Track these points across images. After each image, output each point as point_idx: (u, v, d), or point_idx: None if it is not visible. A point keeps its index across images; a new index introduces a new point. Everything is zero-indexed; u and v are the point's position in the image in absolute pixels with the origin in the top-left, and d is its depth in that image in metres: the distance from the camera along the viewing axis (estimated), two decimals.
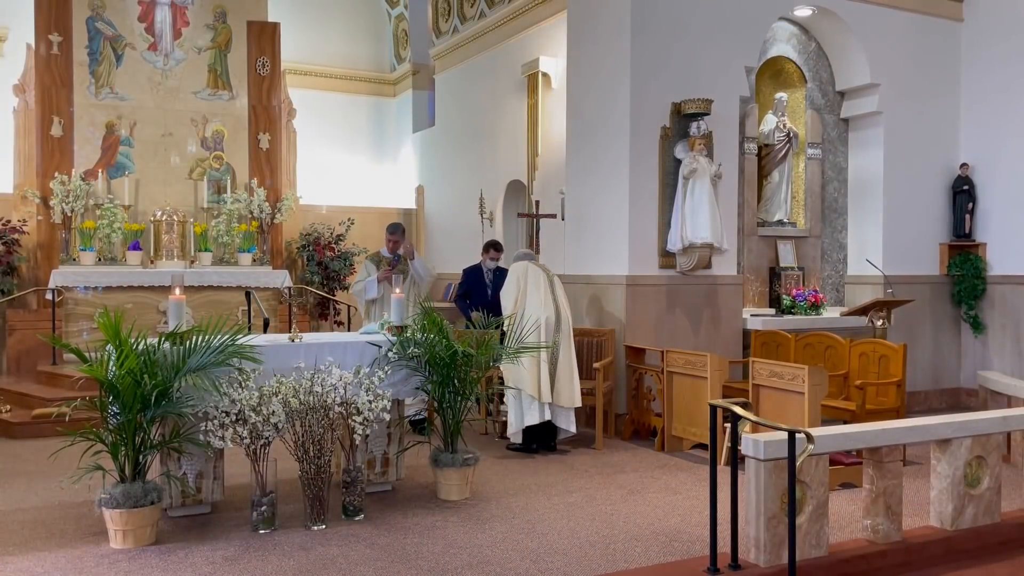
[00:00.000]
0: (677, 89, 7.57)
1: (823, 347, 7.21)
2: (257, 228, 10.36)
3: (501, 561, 4.25)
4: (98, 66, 9.85)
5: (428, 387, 5.41)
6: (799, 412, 5.59)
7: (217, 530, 4.75)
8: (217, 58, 10.46)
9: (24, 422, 7.48)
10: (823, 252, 9.07)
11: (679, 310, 7.66)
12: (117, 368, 4.43)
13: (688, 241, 7.35)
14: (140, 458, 4.55)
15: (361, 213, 12.36)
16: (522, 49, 10.11)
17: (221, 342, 4.69)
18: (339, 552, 4.38)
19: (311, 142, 12.21)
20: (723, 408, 4.04)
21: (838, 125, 9.14)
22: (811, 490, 4.10)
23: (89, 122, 9.79)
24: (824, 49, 9.00)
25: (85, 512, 5.01)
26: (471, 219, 10.95)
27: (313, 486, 4.81)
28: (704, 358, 6.46)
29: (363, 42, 13.67)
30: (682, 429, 6.73)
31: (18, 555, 4.33)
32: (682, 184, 7.42)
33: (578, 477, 5.98)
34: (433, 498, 5.41)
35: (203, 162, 10.36)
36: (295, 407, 4.72)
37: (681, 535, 4.68)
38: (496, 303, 7.83)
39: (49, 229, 9.56)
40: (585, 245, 8.05)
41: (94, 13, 9.83)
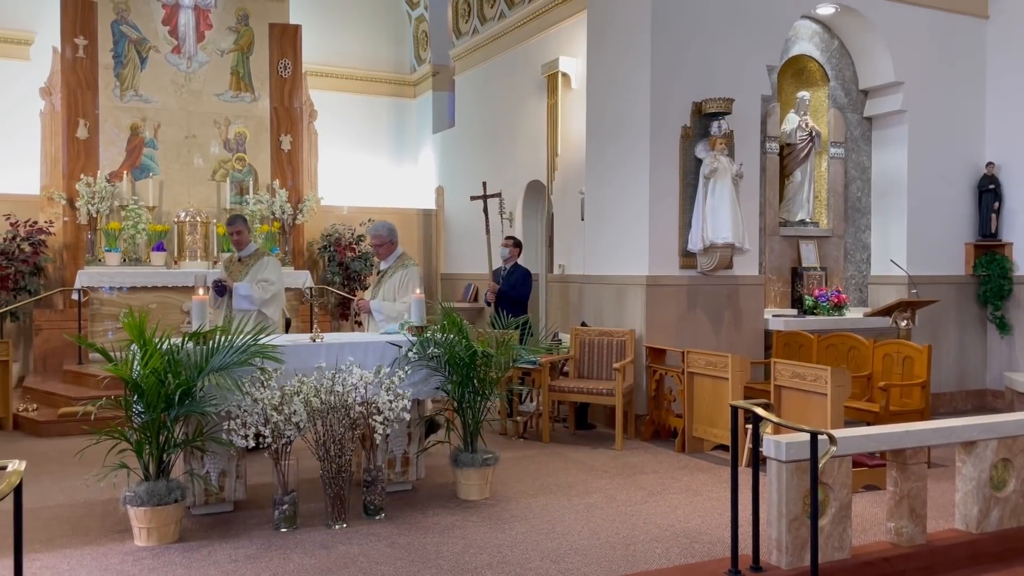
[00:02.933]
0: (698, 88, 7.54)
1: (846, 348, 7.15)
2: (279, 229, 10.44)
3: (521, 561, 4.26)
4: (123, 69, 9.97)
5: (448, 387, 5.43)
6: (822, 413, 5.55)
7: (239, 528, 4.79)
8: (239, 60, 10.55)
9: (50, 421, 7.58)
10: (846, 252, 8.99)
11: (700, 311, 7.63)
12: (141, 367, 4.49)
13: (709, 241, 7.32)
14: (164, 456, 4.60)
15: (381, 214, 12.39)
16: (542, 49, 10.11)
17: (243, 342, 4.73)
18: (360, 551, 4.41)
19: (332, 143, 12.28)
20: (744, 409, 4.02)
21: (861, 124, 9.06)
22: (834, 492, 4.07)
23: (114, 124, 9.91)
24: (847, 47, 8.92)
25: (110, 509, 5.07)
26: (491, 219, 10.95)
27: (334, 485, 4.84)
28: (725, 359, 6.43)
29: (383, 44, 13.73)
30: (703, 430, 6.70)
31: (45, 552, 4.39)
32: (703, 184, 7.39)
33: (598, 478, 5.98)
34: (453, 498, 5.42)
35: (226, 163, 10.46)
36: (316, 406, 4.75)
37: (702, 536, 4.66)
38: (508, 296, 7.88)
39: (75, 230, 9.69)
40: (605, 245, 8.03)
41: (119, 17, 9.95)
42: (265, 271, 6.81)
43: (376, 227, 6.43)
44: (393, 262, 6.33)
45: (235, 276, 6.79)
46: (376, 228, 6.42)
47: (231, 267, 6.92)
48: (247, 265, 6.84)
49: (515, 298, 7.92)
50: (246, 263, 6.86)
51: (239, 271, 6.83)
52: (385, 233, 6.35)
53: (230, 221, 7.05)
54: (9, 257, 9.22)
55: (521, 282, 8.13)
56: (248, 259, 6.90)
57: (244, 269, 6.82)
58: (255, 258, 6.93)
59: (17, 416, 7.87)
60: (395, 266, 6.33)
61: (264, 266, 6.85)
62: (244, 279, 6.71)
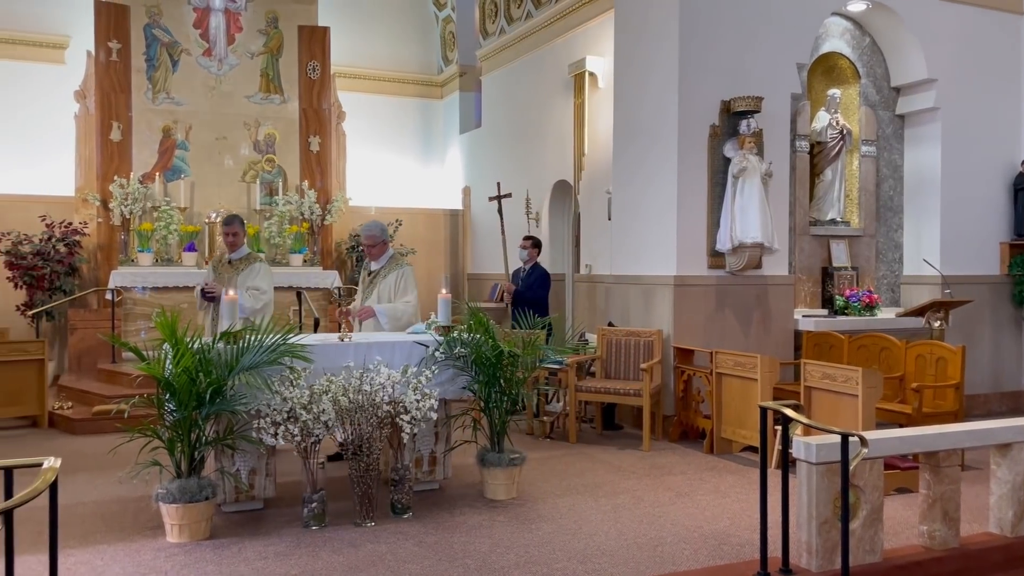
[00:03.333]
0: (726, 87, 7.49)
1: (878, 349, 7.05)
2: (308, 229, 10.53)
3: (548, 561, 4.25)
4: (155, 72, 10.11)
5: (474, 387, 5.44)
6: (853, 415, 5.49)
7: (269, 526, 4.84)
8: (269, 63, 10.66)
9: (85, 418, 7.71)
10: (878, 252, 8.88)
11: (728, 311, 7.57)
12: (173, 366, 4.55)
13: (738, 241, 7.26)
14: (195, 454, 4.66)
15: (409, 214, 12.48)
16: (569, 49, 10.10)
17: (273, 341, 4.78)
18: (387, 549, 4.43)
19: (360, 144, 12.36)
20: (774, 410, 3.98)
21: (893, 122, 8.94)
22: (865, 495, 4.02)
23: (146, 126, 10.05)
24: (879, 44, 8.81)
25: (143, 506, 5.14)
26: (517, 220, 10.96)
27: (362, 484, 4.87)
28: (754, 359, 6.38)
29: (411, 45, 13.79)
30: (731, 431, 6.65)
31: (79, 547, 4.46)
32: (731, 183, 7.33)
33: (625, 478, 5.95)
34: (480, 497, 5.43)
35: (256, 165, 10.56)
36: (344, 405, 4.78)
37: (731, 538, 4.63)
38: (525, 297, 7.86)
39: (109, 231, 9.84)
40: (632, 245, 8.00)
41: (151, 20, 10.09)
42: (256, 278, 6.48)
43: (370, 227, 6.31)
44: (385, 263, 6.28)
45: (224, 279, 6.46)
46: (370, 228, 6.29)
47: (220, 269, 6.59)
48: (237, 269, 6.53)
49: (532, 299, 7.87)
50: (236, 267, 6.55)
51: (228, 274, 6.51)
52: (379, 233, 6.26)
53: (228, 221, 6.66)
54: (45, 258, 9.39)
55: (539, 283, 8.11)
56: (239, 263, 6.58)
57: (234, 273, 6.50)
58: (247, 262, 6.60)
59: (53, 414, 8.01)
60: (388, 267, 6.26)
61: (255, 273, 6.51)
62: (234, 283, 6.37)
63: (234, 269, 6.53)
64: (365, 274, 6.39)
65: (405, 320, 6.07)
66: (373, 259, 6.30)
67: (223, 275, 6.52)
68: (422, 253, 12.50)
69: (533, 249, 8.29)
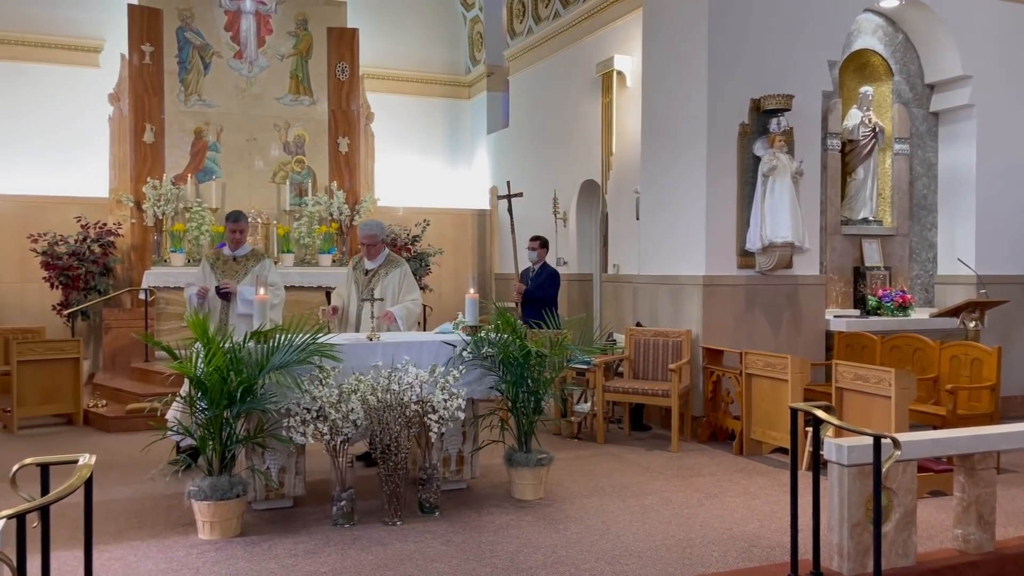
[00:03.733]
0: (756, 85, 7.42)
1: (911, 350, 6.95)
2: (337, 230, 10.60)
3: (576, 562, 4.25)
4: (187, 74, 10.24)
5: (502, 387, 5.44)
6: (885, 417, 5.42)
7: (298, 524, 4.88)
8: (298, 64, 10.75)
9: (118, 416, 7.83)
10: (911, 251, 8.75)
11: (758, 311, 7.51)
12: (205, 365, 4.60)
13: (768, 240, 7.20)
14: (226, 452, 4.71)
15: (436, 214, 12.52)
16: (596, 48, 10.07)
17: (303, 341, 4.82)
18: (416, 548, 4.45)
19: (388, 145, 12.43)
20: (805, 411, 3.94)
21: (927, 119, 8.80)
22: (898, 497, 3.96)
23: (179, 128, 10.18)
24: (912, 41, 8.68)
25: (175, 503, 5.20)
26: (545, 220, 10.96)
27: (390, 483, 4.90)
28: (785, 360, 6.32)
29: (439, 45, 13.84)
30: (761, 433, 6.59)
31: (113, 544, 4.53)
32: (761, 182, 7.27)
33: (653, 479, 5.92)
34: (507, 497, 5.43)
35: (285, 166, 10.66)
36: (373, 405, 4.81)
37: (760, 540, 4.59)
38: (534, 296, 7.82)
39: (142, 232, 9.98)
40: (660, 245, 7.96)
41: (183, 24, 10.22)
42: (271, 274, 6.38)
43: (372, 226, 6.22)
44: (383, 261, 6.24)
45: (230, 276, 6.32)
46: (372, 227, 6.21)
47: (223, 267, 6.36)
48: (243, 265, 6.37)
49: (541, 299, 7.76)
50: (242, 263, 6.39)
51: (235, 271, 6.34)
52: (379, 232, 6.24)
53: (236, 217, 6.41)
54: (80, 258, 9.54)
55: (549, 283, 8.05)
56: (244, 259, 6.42)
57: (241, 269, 6.34)
58: (254, 259, 6.46)
59: (87, 412, 8.15)
60: (385, 266, 6.23)
61: (267, 268, 6.41)
62: (243, 281, 6.28)
63: (240, 266, 6.38)
64: (360, 273, 6.26)
65: (414, 319, 6.12)
66: (371, 258, 6.22)
67: (227, 271, 6.33)
68: (449, 253, 12.53)
69: (542, 249, 8.24)
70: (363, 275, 6.24)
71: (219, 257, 6.43)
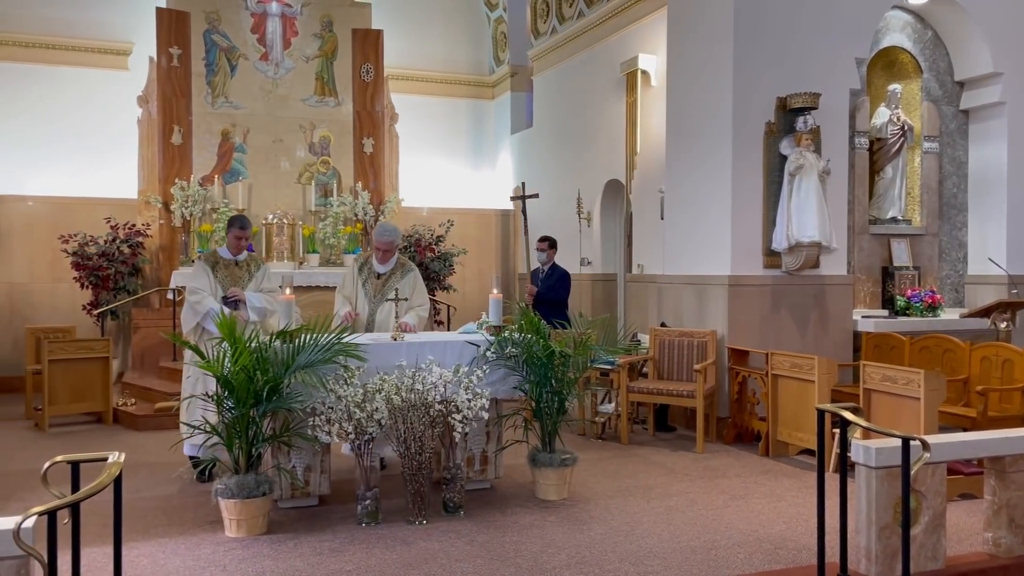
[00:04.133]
0: (782, 83, 7.36)
1: (941, 350, 6.86)
2: (361, 230, 10.65)
3: (600, 563, 4.23)
4: (214, 76, 10.34)
5: (525, 387, 5.44)
6: (914, 418, 5.35)
7: (324, 522, 4.91)
8: (324, 66, 10.81)
9: (147, 415, 7.93)
10: (941, 251, 8.63)
11: (785, 311, 7.44)
12: (232, 365, 4.65)
13: (794, 240, 7.14)
14: (253, 451, 4.75)
15: (460, 215, 12.54)
16: (621, 47, 10.03)
17: (328, 341, 4.85)
18: (440, 547, 4.46)
19: (412, 145, 12.46)
20: (832, 413, 3.90)
21: (957, 117, 8.68)
22: (927, 500, 3.91)
23: (206, 130, 10.29)
24: (941, 37, 8.56)
25: (202, 501, 5.26)
26: (569, 220, 10.94)
27: (414, 482, 4.91)
28: (811, 361, 6.26)
29: (463, 46, 13.86)
30: (787, 434, 6.53)
31: (141, 540, 4.59)
32: (788, 181, 7.21)
33: (678, 481, 5.89)
34: (531, 497, 5.43)
35: (311, 167, 10.73)
36: (397, 404, 4.83)
37: (787, 543, 4.55)
38: (546, 298, 7.77)
39: (170, 232, 10.09)
40: (685, 244, 7.91)
41: (210, 26, 10.33)
42: (272, 281, 6.24)
43: (392, 231, 6.10)
44: (393, 264, 6.17)
45: (235, 281, 6.05)
46: (392, 232, 6.09)
47: (226, 271, 6.05)
48: (246, 270, 6.13)
49: (553, 300, 7.72)
50: (244, 268, 6.13)
51: (239, 277, 6.07)
52: (398, 237, 6.14)
53: (245, 224, 6.12)
54: (109, 258, 9.67)
55: (560, 284, 8.01)
56: (246, 264, 6.15)
57: (244, 275, 6.10)
58: (255, 264, 6.21)
59: (117, 410, 8.26)
60: (396, 269, 6.14)
61: (267, 274, 6.23)
62: (248, 287, 6.06)
63: (243, 271, 6.12)
64: (370, 276, 6.11)
65: (424, 325, 6.14)
66: (383, 262, 6.11)
67: (232, 276, 6.05)
68: (473, 253, 12.54)
69: (551, 250, 8.20)
70: (375, 278, 6.12)
71: (218, 260, 6.08)
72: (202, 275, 5.98)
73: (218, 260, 6.10)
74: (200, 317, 5.83)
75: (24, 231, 10.87)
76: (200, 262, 6.10)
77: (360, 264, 6.23)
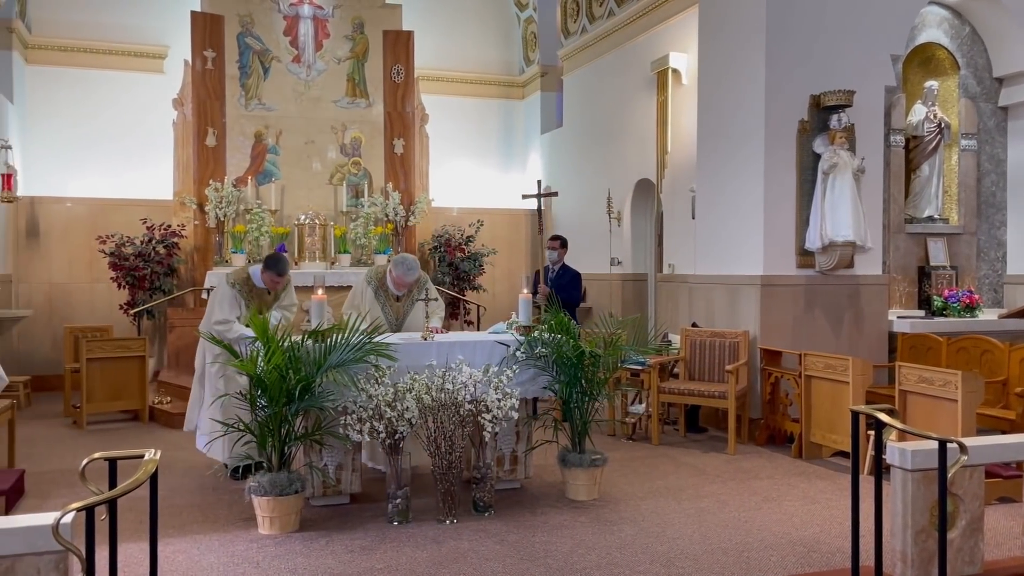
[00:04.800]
0: (816, 81, 7.27)
1: (979, 352, 6.73)
2: (392, 230, 10.70)
3: (630, 564, 4.22)
4: (247, 79, 10.45)
5: (555, 387, 5.43)
6: (951, 420, 5.26)
7: (355, 520, 4.95)
8: (355, 67, 10.88)
9: (183, 413, 7.98)
10: (979, 250, 8.47)
11: (818, 311, 7.35)
12: (265, 364, 4.70)
13: (828, 239, 7.05)
14: (285, 449, 4.80)
15: (490, 215, 12.55)
16: (651, 46, 9.98)
17: (359, 340, 4.88)
18: (470, 547, 4.47)
19: (442, 145, 12.50)
20: (867, 414, 3.85)
21: (996, 114, 8.51)
22: (964, 504, 3.84)
23: (240, 132, 10.40)
24: (979, 33, 8.40)
25: (236, 498, 5.32)
26: (599, 219, 10.91)
27: (444, 481, 4.93)
28: (846, 362, 6.18)
29: (493, 46, 13.87)
30: (821, 436, 6.45)
31: (177, 537, 4.66)
32: (821, 179, 7.12)
33: (709, 482, 5.85)
34: (561, 497, 5.42)
35: (342, 168, 10.80)
36: (427, 404, 4.85)
37: (820, 546, 4.49)
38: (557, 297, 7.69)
39: (204, 233, 10.22)
40: (717, 244, 7.85)
41: (244, 29, 10.44)
42: (291, 294, 6.31)
43: (415, 266, 5.98)
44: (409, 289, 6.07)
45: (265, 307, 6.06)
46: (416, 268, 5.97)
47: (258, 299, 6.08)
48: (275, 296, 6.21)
49: (566, 300, 7.55)
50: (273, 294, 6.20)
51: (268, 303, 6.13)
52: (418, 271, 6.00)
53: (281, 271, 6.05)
54: (146, 259, 9.82)
55: (572, 284, 7.96)
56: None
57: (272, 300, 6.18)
58: (282, 284, 6.23)
59: (153, 408, 8.39)
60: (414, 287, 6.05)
61: (289, 289, 6.30)
62: (272, 307, 6.14)
63: (273, 297, 6.18)
64: (391, 300, 6.04)
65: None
66: (400, 290, 6.03)
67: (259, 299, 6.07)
68: (503, 253, 12.55)
69: (562, 249, 8.16)
70: (395, 300, 6.06)
71: (252, 289, 6.07)
72: (234, 305, 5.95)
73: (252, 289, 6.06)
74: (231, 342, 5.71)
75: (63, 232, 11.09)
76: (233, 290, 6.00)
77: (375, 288, 6.06)
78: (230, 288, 5.98)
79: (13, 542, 2.58)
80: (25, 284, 10.96)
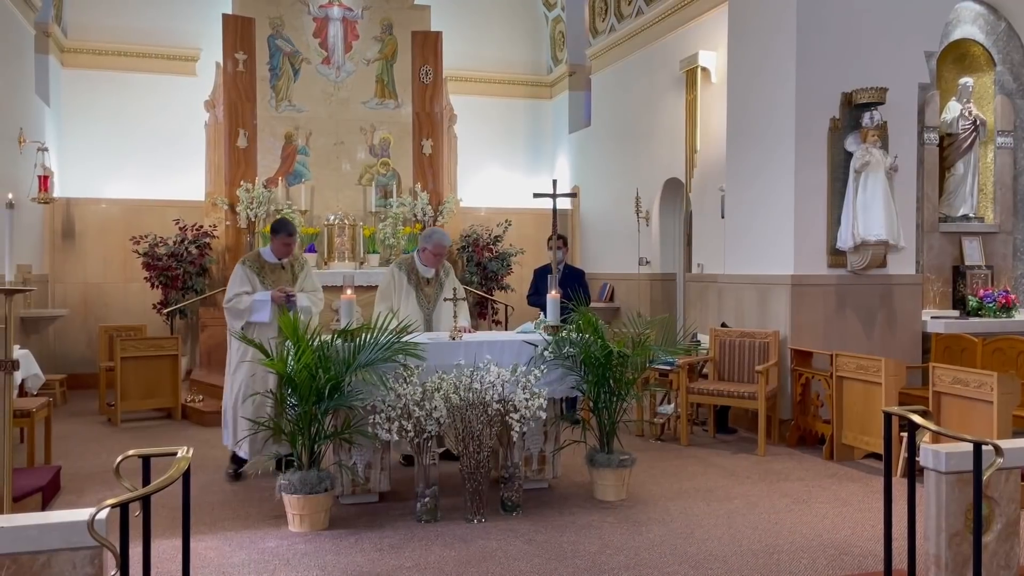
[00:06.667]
0: (847, 78, 7.18)
1: (1015, 352, 6.61)
2: (420, 230, 10.74)
3: (659, 564, 4.20)
4: (278, 81, 10.55)
5: (583, 387, 5.42)
6: (987, 422, 5.17)
7: (383, 519, 4.98)
8: (384, 68, 10.94)
9: (214, 411, 8.12)
10: (1015, 249, 8.31)
11: (850, 311, 7.26)
12: (295, 363, 4.74)
13: (860, 238, 6.96)
14: (315, 447, 4.84)
15: (518, 215, 12.55)
16: (680, 44, 9.92)
17: (388, 339, 4.91)
18: (498, 546, 4.48)
19: (470, 146, 12.52)
20: (899, 416, 3.79)
21: None
22: (1000, 507, 3.77)
23: (270, 133, 10.51)
24: (1015, 29, 8.24)
25: (267, 496, 5.38)
26: (627, 219, 10.86)
27: (473, 480, 4.94)
28: (878, 363, 6.10)
29: (521, 46, 13.87)
30: (853, 437, 6.37)
31: (208, 534, 4.72)
32: (853, 178, 7.03)
33: (739, 483, 5.80)
34: (589, 497, 5.41)
35: (371, 168, 10.87)
36: (455, 403, 4.87)
37: (851, 549, 4.44)
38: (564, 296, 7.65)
39: (236, 233, 10.33)
40: (746, 243, 7.79)
41: (274, 31, 10.54)
42: (312, 280, 6.31)
43: (444, 237, 6.13)
44: (439, 267, 6.22)
45: (282, 282, 6.08)
46: (446, 239, 6.14)
47: (272, 274, 6.08)
48: (290, 272, 6.18)
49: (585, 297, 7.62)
50: (288, 269, 6.19)
51: (284, 279, 6.11)
52: (449, 243, 6.14)
53: (291, 231, 6.15)
54: (178, 259, 9.95)
55: (582, 282, 8.00)
56: (289, 265, 6.20)
57: (288, 276, 6.14)
58: (299, 264, 6.28)
59: (185, 406, 8.51)
60: (443, 270, 6.23)
61: (310, 274, 6.34)
62: (295, 287, 6.11)
63: (288, 272, 6.16)
64: (419, 280, 6.13)
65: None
66: (433, 265, 6.13)
67: (278, 279, 6.08)
68: (530, 253, 12.53)
69: (565, 247, 8.15)
70: (426, 284, 6.15)
71: (264, 265, 6.10)
72: (244, 281, 5.97)
73: (263, 265, 6.10)
74: (245, 316, 5.85)
75: (98, 233, 11.28)
76: (243, 267, 6.05)
77: (407, 271, 6.14)
78: (240, 266, 6.07)
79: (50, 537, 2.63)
80: (61, 284, 11.16)
